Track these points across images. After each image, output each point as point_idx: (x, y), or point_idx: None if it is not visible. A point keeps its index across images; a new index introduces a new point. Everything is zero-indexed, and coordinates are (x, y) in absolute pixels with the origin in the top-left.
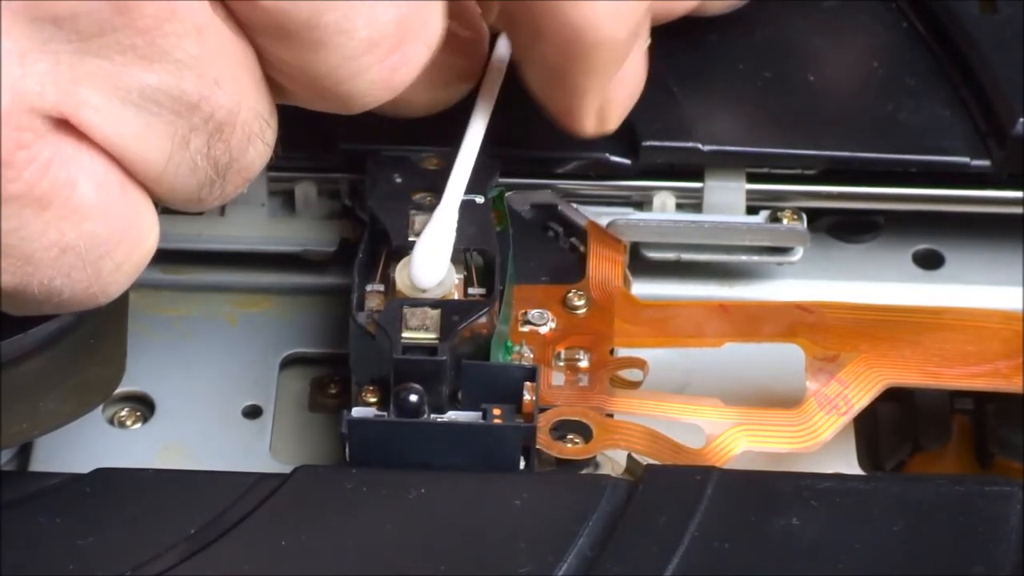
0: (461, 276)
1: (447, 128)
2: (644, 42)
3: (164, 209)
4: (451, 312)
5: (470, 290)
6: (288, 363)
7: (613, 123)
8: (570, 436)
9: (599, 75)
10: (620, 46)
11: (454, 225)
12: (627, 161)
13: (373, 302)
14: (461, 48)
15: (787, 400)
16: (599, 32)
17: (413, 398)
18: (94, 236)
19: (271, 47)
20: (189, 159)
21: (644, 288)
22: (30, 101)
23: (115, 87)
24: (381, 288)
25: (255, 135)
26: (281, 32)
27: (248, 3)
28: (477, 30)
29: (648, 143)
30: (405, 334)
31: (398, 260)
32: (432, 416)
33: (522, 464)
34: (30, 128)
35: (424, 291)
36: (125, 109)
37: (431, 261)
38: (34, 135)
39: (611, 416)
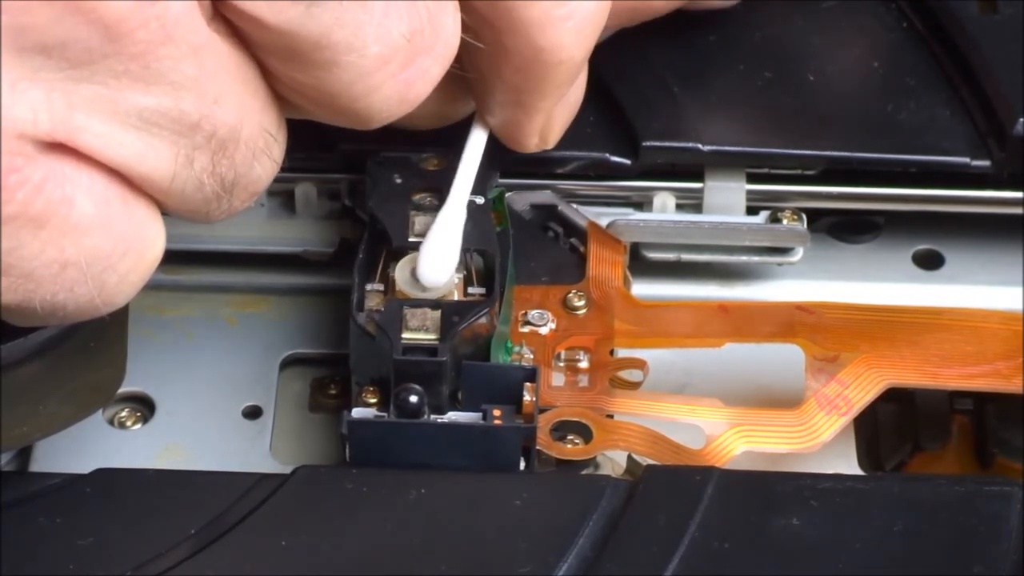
0: (461, 276)
1: (447, 129)
2: (586, 65)
3: None
4: (451, 313)
5: (470, 290)
6: (288, 363)
7: (553, 141)
8: (570, 437)
9: (553, 94)
10: (576, 67)
11: (462, 223)
12: (627, 161)
13: (373, 302)
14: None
15: (787, 400)
16: (561, 53)
17: (413, 399)
18: (95, 250)
19: (282, 67)
20: (194, 177)
21: (644, 288)
22: (20, 128)
23: (112, 111)
24: (381, 288)
25: (260, 151)
26: (290, 53)
27: (253, 24)
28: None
29: (648, 143)
30: (405, 335)
31: (398, 260)
32: (432, 417)
33: (522, 464)
34: (20, 152)
35: (425, 291)
36: (125, 132)
37: (439, 260)
38: (25, 159)
39: (611, 417)
